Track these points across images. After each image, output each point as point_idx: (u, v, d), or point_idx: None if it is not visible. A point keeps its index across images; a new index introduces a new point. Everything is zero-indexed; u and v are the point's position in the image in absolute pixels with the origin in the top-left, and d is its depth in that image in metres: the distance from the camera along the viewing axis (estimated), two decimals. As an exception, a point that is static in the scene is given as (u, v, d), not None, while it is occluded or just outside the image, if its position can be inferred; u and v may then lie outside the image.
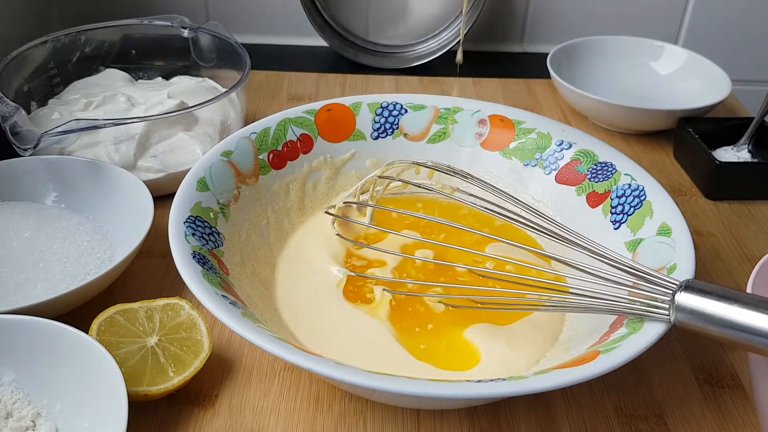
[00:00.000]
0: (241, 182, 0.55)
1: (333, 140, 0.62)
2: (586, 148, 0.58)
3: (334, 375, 0.38)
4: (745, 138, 0.72)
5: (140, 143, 0.64)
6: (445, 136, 0.63)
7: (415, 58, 0.93)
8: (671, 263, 0.46)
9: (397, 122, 0.63)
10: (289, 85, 0.87)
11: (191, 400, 0.47)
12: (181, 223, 0.48)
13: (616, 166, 0.56)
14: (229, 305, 0.42)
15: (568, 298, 0.46)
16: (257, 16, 0.97)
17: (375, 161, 0.62)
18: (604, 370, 0.39)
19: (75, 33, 0.75)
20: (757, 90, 0.95)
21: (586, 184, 0.57)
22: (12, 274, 0.52)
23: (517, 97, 0.86)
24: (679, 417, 0.48)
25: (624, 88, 0.85)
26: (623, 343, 0.41)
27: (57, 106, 0.70)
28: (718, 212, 0.68)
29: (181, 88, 0.73)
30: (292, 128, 0.60)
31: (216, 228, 0.51)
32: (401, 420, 0.47)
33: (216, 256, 0.48)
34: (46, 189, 0.61)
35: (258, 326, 0.41)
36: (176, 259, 0.45)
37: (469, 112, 0.63)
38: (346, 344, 0.48)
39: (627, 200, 0.54)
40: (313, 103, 0.62)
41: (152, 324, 0.48)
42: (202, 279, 0.44)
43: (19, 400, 0.44)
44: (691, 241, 0.48)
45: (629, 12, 0.97)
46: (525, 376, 0.39)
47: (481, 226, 0.58)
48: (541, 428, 0.47)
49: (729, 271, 0.61)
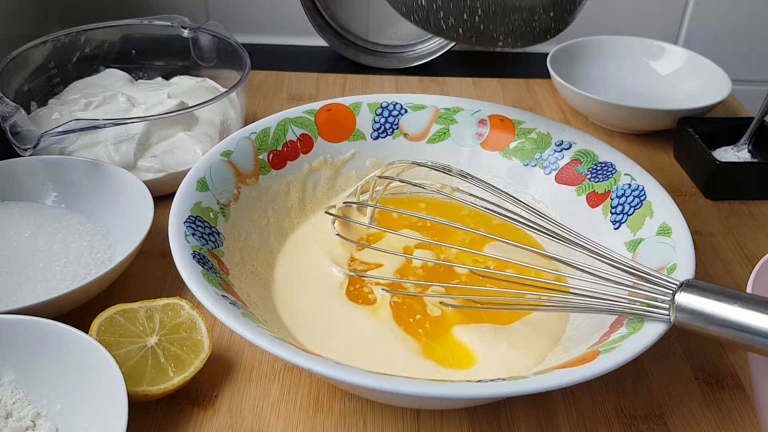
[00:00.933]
0: (241, 182, 0.55)
1: (333, 140, 0.62)
2: (586, 148, 0.58)
3: (334, 375, 0.38)
4: (745, 138, 0.72)
5: (140, 143, 0.64)
6: (445, 136, 0.63)
7: (415, 58, 0.93)
8: (671, 263, 0.46)
9: (397, 122, 0.63)
10: (289, 85, 0.87)
11: (191, 400, 0.47)
12: (181, 223, 0.48)
13: (616, 166, 0.56)
14: (230, 305, 0.42)
15: (569, 298, 0.46)
16: (257, 16, 0.97)
17: (375, 161, 0.62)
18: (604, 370, 0.39)
19: (75, 33, 0.75)
20: (757, 90, 0.95)
21: (586, 184, 0.57)
22: (12, 274, 0.52)
23: (517, 97, 0.86)
24: (679, 417, 0.48)
25: (624, 88, 0.85)
26: (623, 343, 0.41)
27: (57, 106, 0.70)
28: (718, 212, 0.68)
29: (181, 88, 0.73)
30: (292, 128, 0.60)
31: (216, 228, 0.51)
32: (401, 420, 0.47)
33: (216, 256, 0.48)
34: (46, 189, 0.61)
35: (258, 326, 0.41)
36: (176, 259, 0.45)
37: (469, 112, 0.63)
38: (347, 344, 0.48)
39: (627, 200, 0.54)
40: (313, 103, 0.62)
41: (152, 324, 0.48)
42: (202, 279, 0.44)
43: (19, 400, 0.44)
44: (691, 241, 0.48)
45: (629, 12, 0.97)
46: (525, 376, 0.39)
47: (479, 226, 0.58)
48: (541, 428, 0.47)
49: (729, 271, 0.61)
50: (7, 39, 0.80)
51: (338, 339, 0.49)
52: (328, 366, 0.39)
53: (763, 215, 0.68)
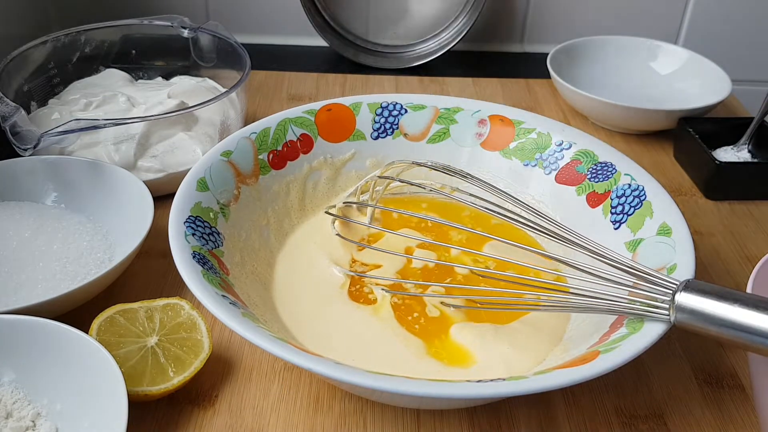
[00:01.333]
0: (241, 182, 0.55)
1: (333, 140, 0.62)
2: (586, 148, 0.58)
3: (333, 375, 0.38)
4: (745, 138, 0.72)
5: (140, 143, 0.64)
6: (445, 136, 0.63)
7: (415, 58, 0.93)
8: (671, 263, 0.46)
9: (397, 122, 0.63)
10: (289, 85, 0.87)
11: (191, 400, 0.47)
12: (181, 223, 0.48)
13: (616, 166, 0.56)
14: (229, 305, 0.42)
15: (569, 298, 0.46)
16: (257, 16, 0.97)
17: (375, 161, 0.62)
18: (604, 370, 0.39)
19: (75, 33, 0.75)
20: (757, 90, 0.95)
21: (586, 184, 0.57)
22: (12, 274, 0.52)
23: (517, 97, 0.86)
24: (679, 417, 0.48)
25: (624, 88, 0.85)
26: (623, 343, 0.41)
27: (57, 106, 0.70)
28: (718, 212, 0.68)
29: (181, 88, 0.73)
30: (292, 128, 0.60)
31: (216, 228, 0.51)
32: (401, 420, 0.47)
33: (216, 256, 0.48)
34: (46, 189, 0.61)
35: (258, 326, 0.41)
36: (176, 259, 0.45)
37: (469, 112, 0.63)
38: (347, 344, 0.48)
39: (627, 200, 0.54)
40: (313, 103, 0.62)
41: (152, 324, 0.48)
42: (202, 279, 0.44)
43: (19, 400, 0.44)
44: (691, 241, 0.48)
45: (629, 12, 0.97)
46: (525, 376, 0.39)
47: (478, 225, 0.58)
48: (541, 428, 0.47)
49: (729, 271, 0.61)
50: (7, 39, 0.80)
51: (339, 339, 0.49)
52: (328, 366, 0.39)
53: (763, 215, 0.68)
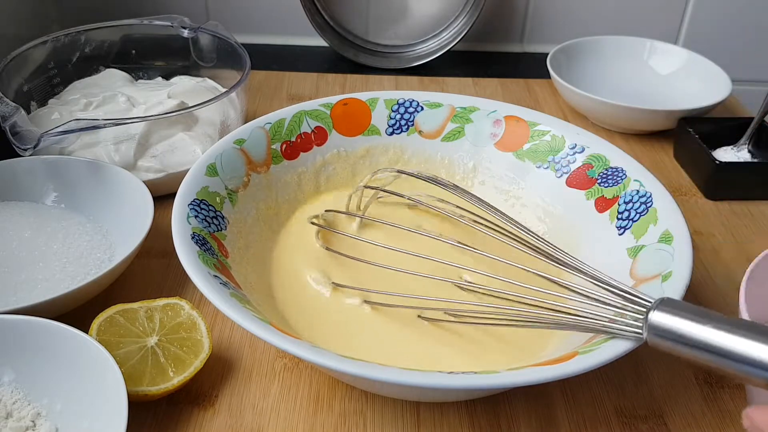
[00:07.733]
0: (252, 170, 0.56)
1: (347, 134, 0.62)
2: (598, 153, 0.57)
3: (313, 358, 0.38)
4: (745, 138, 0.72)
5: (140, 143, 0.64)
6: (460, 134, 0.63)
7: (415, 58, 0.93)
8: (667, 270, 0.46)
9: (412, 119, 0.63)
10: (289, 85, 0.87)
11: (191, 400, 0.47)
12: (186, 205, 0.49)
13: (627, 172, 0.55)
14: (220, 285, 0.43)
15: (540, 314, 0.44)
16: (257, 16, 0.97)
17: (388, 157, 0.63)
18: (577, 370, 0.38)
19: (75, 33, 0.75)
20: (757, 90, 0.95)
21: (596, 188, 0.56)
22: (12, 274, 0.52)
23: (517, 97, 0.86)
24: (679, 417, 0.48)
25: (624, 88, 0.85)
26: (603, 345, 0.40)
27: (57, 106, 0.70)
28: (718, 212, 0.68)
29: (181, 88, 0.73)
30: (308, 120, 0.60)
31: (221, 212, 0.51)
32: (401, 420, 0.47)
33: (217, 239, 0.49)
34: (46, 189, 0.61)
35: (244, 306, 0.41)
36: (175, 238, 0.46)
37: (485, 111, 0.63)
38: (343, 336, 0.48)
39: (634, 206, 0.53)
40: (330, 97, 0.62)
41: (152, 324, 0.48)
42: (197, 258, 0.44)
43: (19, 400, 0.44)
44: (690, 249, 0.47)
45: (629, 12, 0.97)
46: (496, 370, 0.39)
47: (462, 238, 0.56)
48: (541, 428, 0.47)
49: (728, 271, 0.61)
50: (7, 39, 0.80)
51: (335, 331, 0.49)
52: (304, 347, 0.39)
53: (763, 215, 0.68)
